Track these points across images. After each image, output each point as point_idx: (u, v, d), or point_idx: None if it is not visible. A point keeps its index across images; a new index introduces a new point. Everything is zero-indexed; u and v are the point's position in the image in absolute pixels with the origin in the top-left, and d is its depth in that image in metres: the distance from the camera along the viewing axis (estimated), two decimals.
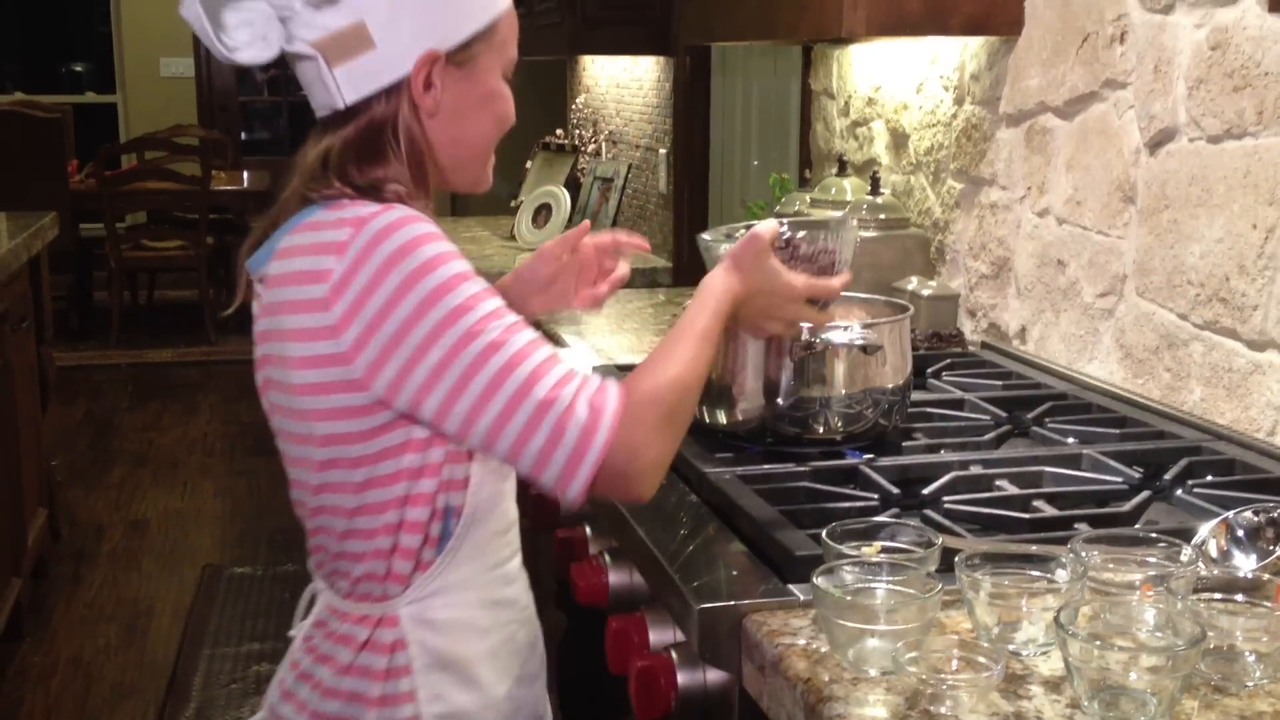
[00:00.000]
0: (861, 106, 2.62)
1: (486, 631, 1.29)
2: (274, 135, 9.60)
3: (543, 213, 4.22)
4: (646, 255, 4.03)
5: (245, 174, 7.59)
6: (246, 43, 1.22)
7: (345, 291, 1.15)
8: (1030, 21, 2.03)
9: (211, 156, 7.04)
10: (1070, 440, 1.63)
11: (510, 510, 1.32)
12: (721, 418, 1.59)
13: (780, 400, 1.54)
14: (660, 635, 1.36)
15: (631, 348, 2.41)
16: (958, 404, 1.80)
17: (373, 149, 1.22)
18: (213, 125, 8.58)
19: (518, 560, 1.35)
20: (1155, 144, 1.75)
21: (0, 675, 3.29)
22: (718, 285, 1.31)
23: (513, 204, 4.44)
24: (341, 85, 1.22)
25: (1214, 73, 1.62)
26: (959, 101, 2.26)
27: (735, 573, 1.27)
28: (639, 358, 2.26)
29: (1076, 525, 1.32)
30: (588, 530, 1.64)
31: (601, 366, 1.99)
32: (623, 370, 1.96)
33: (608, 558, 1.55)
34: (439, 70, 1.23)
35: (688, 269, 3.75)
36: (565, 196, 4.17)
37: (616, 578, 1.52)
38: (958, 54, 2.25)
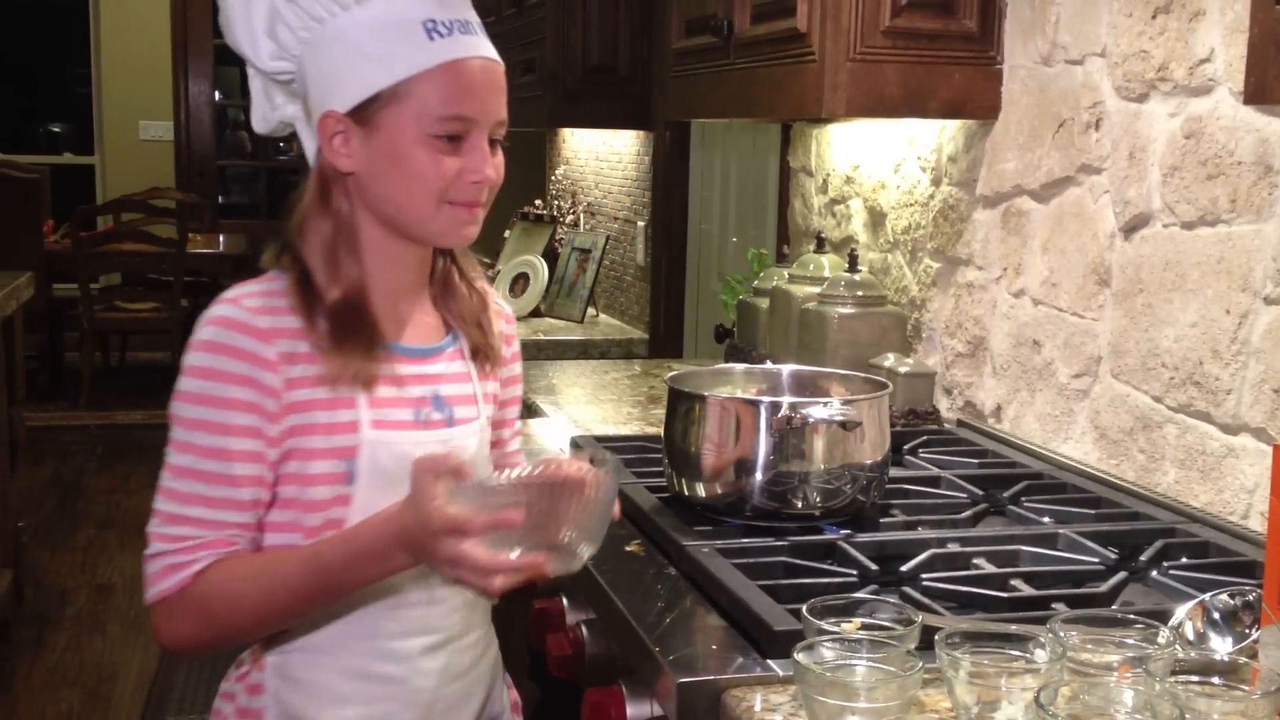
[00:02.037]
0: (840, 184, 2.66)
1: (346, 700, 1.32)
2: (252, 199, 9.62)
3: (520, 281, 4.24)
4: (623, 327, 4.06)
5: (221, 237, 7.60)
6: (275, 115, 1.40)
7: None
8: (1007, 106, 2.07)
9: (188, 219, 7.05)
10: (1046, 520, 1.65)
11: (411, 591, 1.31)
12: (700, 491, 1.59)
13: (759, 475, 1.54)
14: (637, 709, 1.36)
15: (607, 418, 2.42)
16: (934, 481, 1.81)
17: (320, 199, 1.33)
18: (190, 189, 8.60)
19: (417, 643, 1.33)
20: (1130, 229, 1.78)
21: None
22: (373, 528, 1.22)
23: (489, 273, 4.46)
24: (309, 151, 1.36)
25: (1188, 160, 1.66)
26: (936, 182, 2.29)
27: (714, 646, 1.26)
28: (614, 428, 2.27)
29: (1054, 605, 1.33)
30: (565, 601, 1.64)
31: (580, 437, 1.99)
32: (600, 441, 1.96)
33: (584, 629, 1.54)
34: (347, 130, 1.30)
35: (664, 341, 3.77)
36: (543, 266, 4.20)
37: (593, 649, 1.52)
38: (935, 136, 2.29)
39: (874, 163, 2.52)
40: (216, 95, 9.24)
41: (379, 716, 1.33)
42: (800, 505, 1.56)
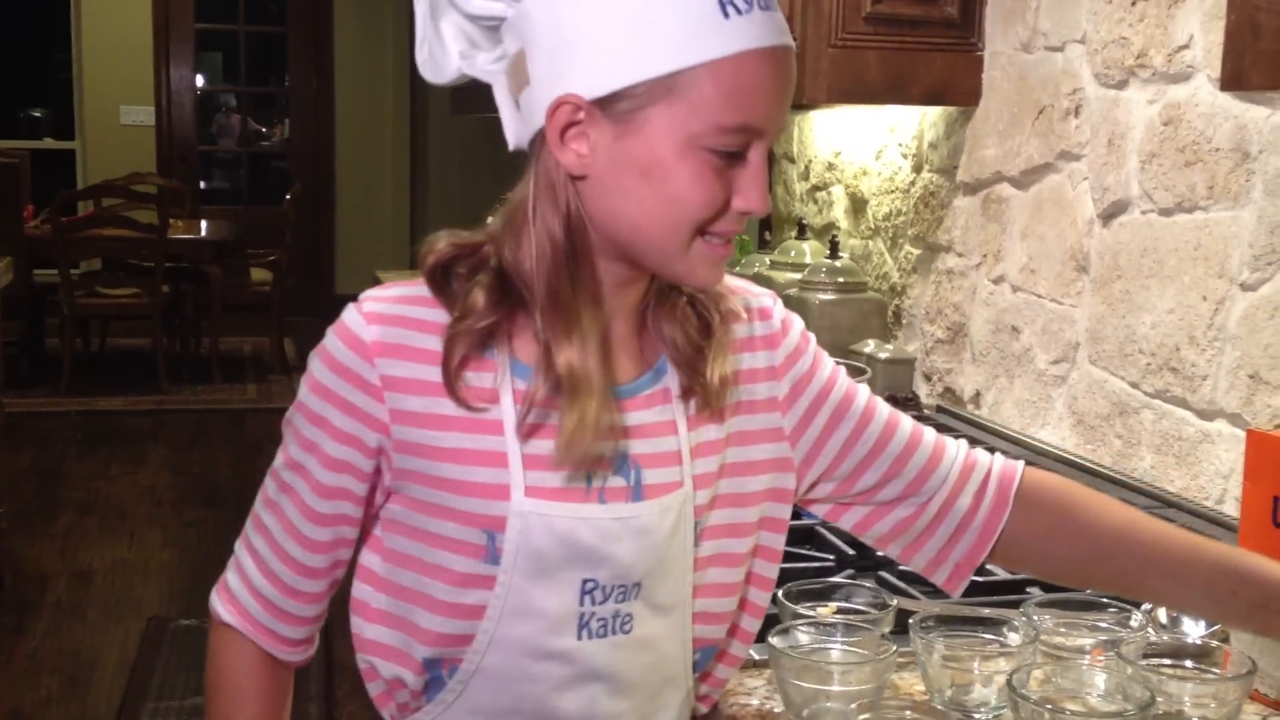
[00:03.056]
0: (821, 171, 2.66)
1: None
2: (233, 185, 9.58)
3: None
4: None
5: (203, 223, 7.56)
6: (457, 56, 1.04)
7: None
8: (988, 93, 2.07)
9: (169, 205, 7.02)
10: None
11: (562, 701, 1.04)
12: None
13: None
14: None
15: None
16: None
17: (519, 209, 1.00)
18: (172, 174, 8.56)
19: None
20: (1108, 215, 1.79)
21: None
22: None
23: None
24: (509, 124, 1.03)
25: (1166, 147, 1.66)
26: (917, 169, 2.30)
27: None
28: None
29: (1028, 589, 1.33)
30: None
31: None
32: None
33: None
34: (587, 121, 0.96)
35: None
36: None
37: None
38: (916, 123, 2.29)
39: (855, 149, 2.52)
40: (199, 80, 9.20)
41: None
42: None
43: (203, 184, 9.15)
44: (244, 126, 9.56)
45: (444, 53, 1.03)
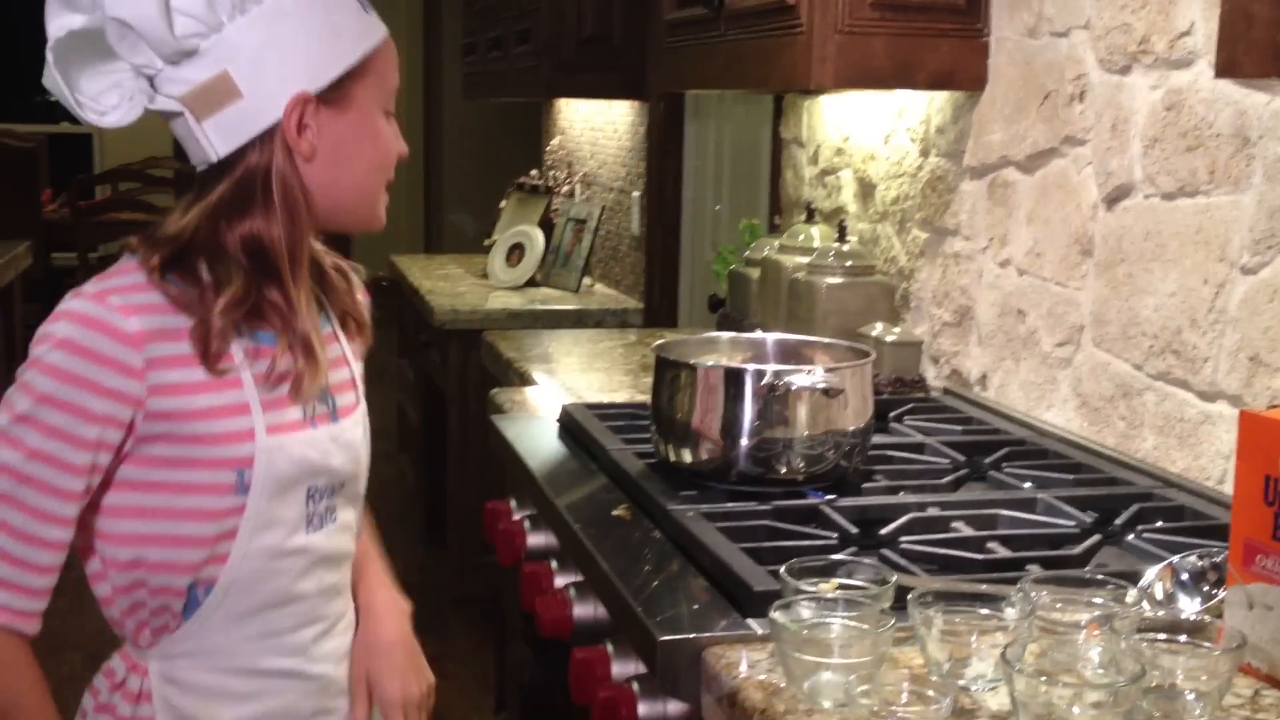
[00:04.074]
0: (830, 155, 2.68)
1: (244, 697, 1.30)
2: None
3: (515, 252, 4.27)
4: (619, 296, 4.08)
5: None
6: (115, 105, 1.24)
7: None
8: (994, 78, 2.09)
9: (185, 189, 7.04)
10: (1026, 485, 1.68)
11: (300, 585, 1.30)
12: (686, 456, 1.63)
13: (743, 441, 1.57)
14: (623, 667, 1.39)
15: (599, 386, 2.45)
16: (918, 448, 1.84)
17: (244, 201, 1.23)
18: (187, 158, 8.58)
19: (309, 633, 1.33)
20: (1112, 200, 1.81)
21: None
22: None
23: (485, 243, 4.49)
24: (212, 138, 1.23)
25: (1168, 132, 1.68)
26: (924, 153, 2.32)
27: (696, 607, 1.30)
28: (605, 396, 2.29)
29: (1028, 566, 1.36)
30: (553, 565, 1.67)
31: (571, 405, 2.02)
32: (589, 408, 1.99)
33: (573, 591, 1.58)
34: (311, 112, 1.23)
35: (659, 311, 3.80)
36: (539, 236, 4.22)
37: (580, 611, 1.56)
38: (924, 107, 2.31)
39: (864, 134, 2.54)
40: None
41: (279, 709, 1.32)
42: (784, 470, 1.59)
43: None
44: None
45: (98, 100, 1.24)
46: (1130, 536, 1.48)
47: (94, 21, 1.20)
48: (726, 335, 1.89)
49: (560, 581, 1.64)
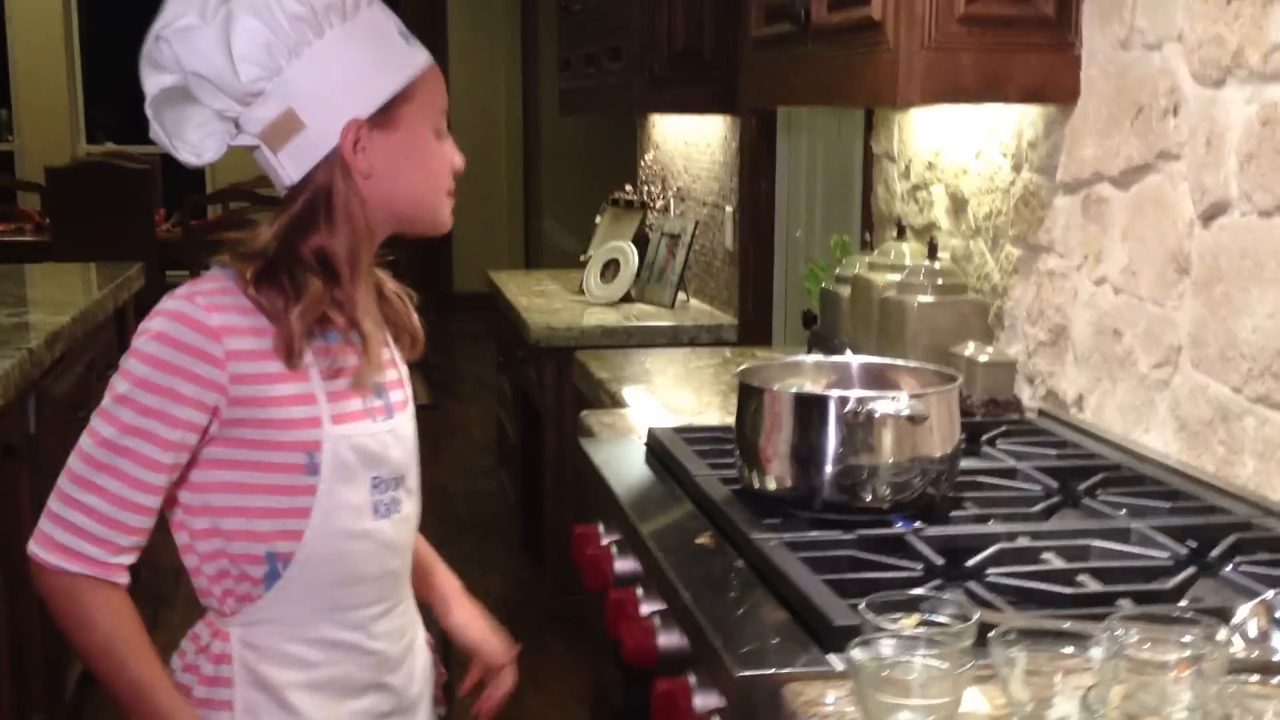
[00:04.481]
0: (922, 170, 2.65)
1: (310, 665, 1.47)
2: None
3: (610, 268, 4.28)
4: (714, 312, 4.08)
5: None
6: (206, 146, 1.45)
7: None
8: (1086, 91, 2.05)
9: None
10: (1121, 513, 1.64)
11: (366, 567, 1.48)
12: (770, 484, 1.62)
13: (827, 468, 1.56)
14: (705, 699, 1.39)
15: (688, 408, 2.44)
16: (1010, 473, 1.81)
17: (313, 217, 1.42)
18: None
19: (371, 611, 1.50)
20: (1208, 217, 1.76)
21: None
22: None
23: (581, 258, 4.51)
24: (286, 165, 1.42)
25: (1264, 148, 1.63)
26: (1017, 168, 2.28)
27: (776, 640, 1.29)
28: (693, 418, 2.29)
29: (1119, 601, 1.33)
30: (639, 592, 1.67)
31: (658, 429, 2.02)
32: (676, 432, 1.99)
33: (657, 620, 1.58)
34: (365, 135, 1.41)
35: (753, 327, 3.79)
36: (633, 252, 4.24)
37: (665, 639, 1.55)
38: (1016, 120, 2.27)
39: (955, 148, 2.50)
40: None
41: (339, 676, 1.49)
42: (869, 498, 1.58)
43: None
44: None
45: (196, 145, 1.44)
46: (1227, 569, 1.44)
47: (178, 78, 1.41)
48: (811, 359, 1.88)
49: (646, 609, 1.64)
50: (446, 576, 1.77)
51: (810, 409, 1.57)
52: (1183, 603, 1.35)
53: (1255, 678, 1.10)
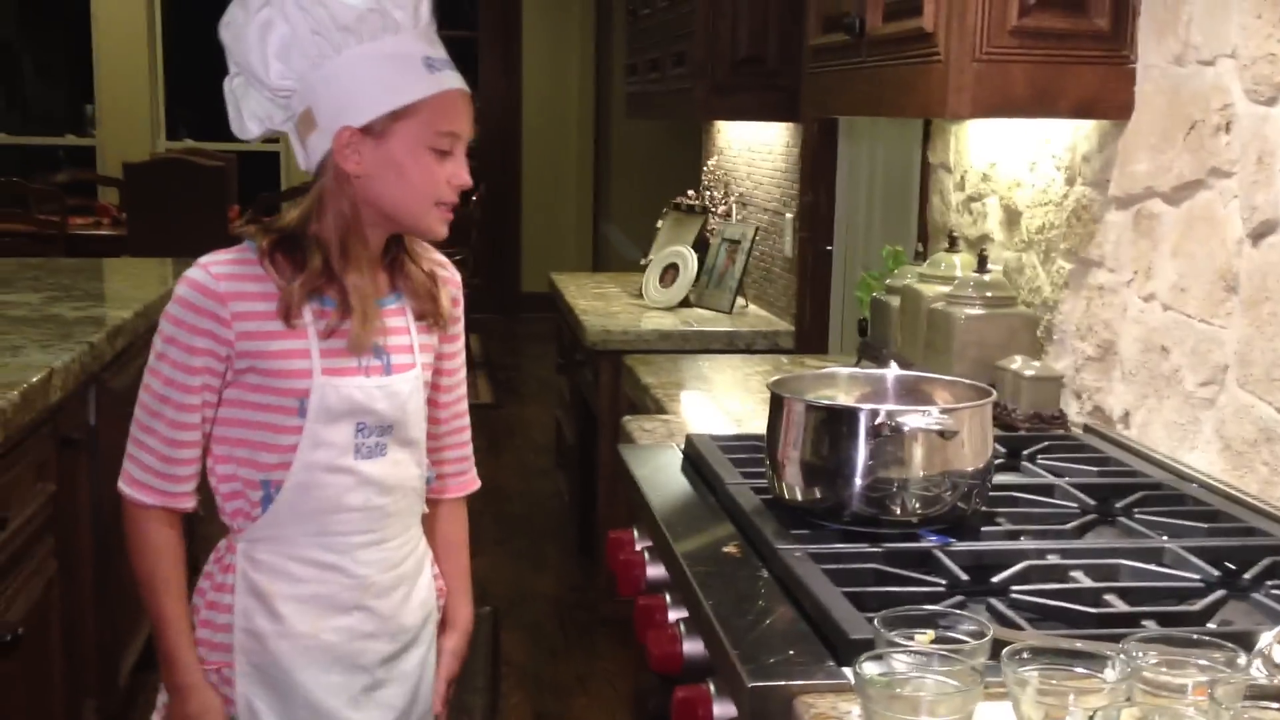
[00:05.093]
0: (976, 182, 2.63)
1: (298, 580, 1.68)
2: None
3: (670, 272, 4.29)
4: (771, 319, 4.07)
5: None
6: (253, 127, 1.69)
7: None
8: (1140, 106, 2.02)
9: None
10: (1157, 534, 1.61)
11: (349, 498, 1.68)
12: (799, 494, 1.62)
13: (857, 481, 1.56)
14: (724, 708, 1.39)
15: (737, 416, 2.44)
16: (1048, 489, 1.79)
17: (318, 205, 1.64)
18: None
19: (356, 539, 1.70)
20: (1258, 235, 1.73)
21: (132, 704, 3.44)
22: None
23: (642, 262, 4.52)
24: (308, 154, 1.65)
25: None
26: (1070, 182, 2.25)
27: (792, 652, 1.29)
28: (736, 426, 2.28)
29: (1144, 622, 1.31)
30: (667, 599, 1.68)
31: (695, 435, 2.02)
32: (715, 440, 1.99)
33: (683, 627, 1.58)
34: (357, 141, 1.60)
35: (809, 335, 3.77)
36: (692, 257, 4.24)
37: (690, 647, 1.56)
38: (1070, 134, 2.24)
39: (1010, 160, 2.48)
40: None
41: (324, 593, 1.69)
42: (899, 512, 1.57)
43: None
44: None
45: (246, 123, 1.68)
46: (1258, 593, 1.42)
47: (235, 67, 1.68)
48: (846, 371, 1.87)
49: (674, 616, 1.65)
50: (459, 595, 1.92)
51: (840, 421, 1.57)
52: (1211, 625, 1.33)
53: (1275, 705, 1.08)
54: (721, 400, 2.66)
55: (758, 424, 2.33)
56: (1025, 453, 1.96)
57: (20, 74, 9.90)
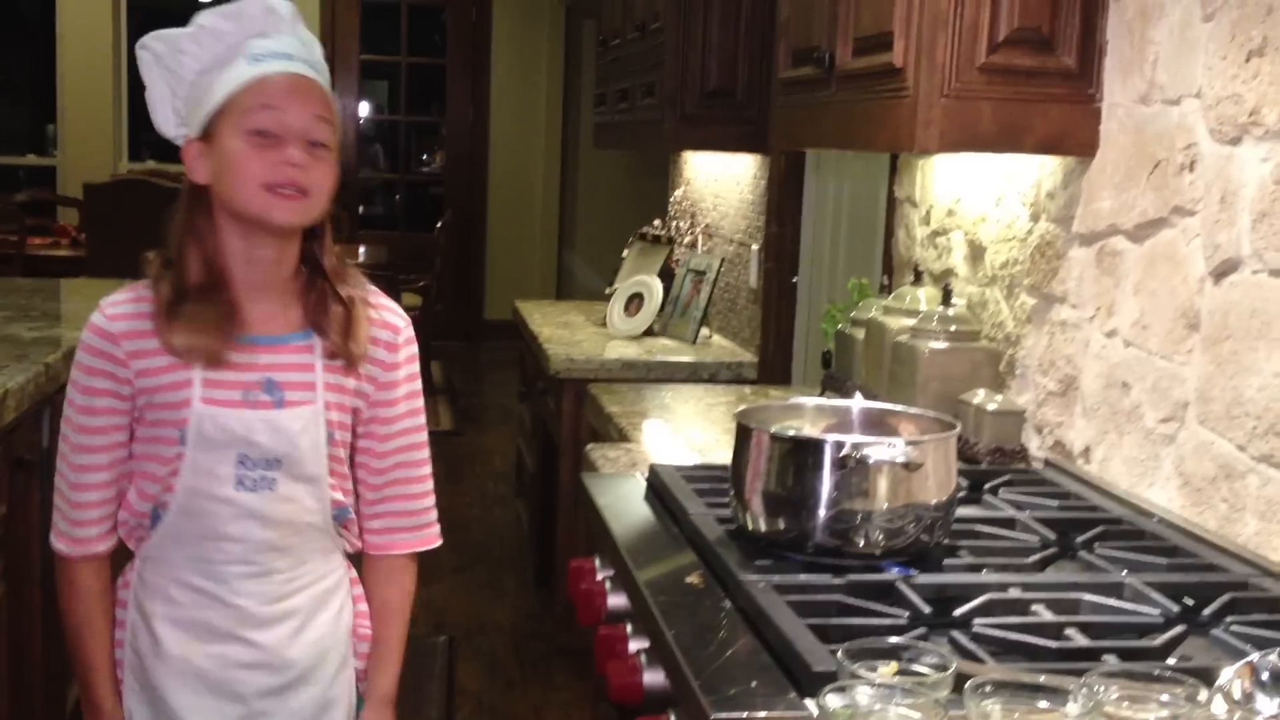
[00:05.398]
0: (942, 216, 2.64)
1: (175, 603, 1.71)
2: (389, 211, 9.88)
3: (635, 301, 4.29)
4: (735, 349, 4.07)
5: (361, 248, 7.81)
6: (174, 129, 1.71)
7: None
8: (1105, 144, 2.04)
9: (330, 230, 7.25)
10: (1117, 568, 1.62)
11: (229, 529, 1.69)
12: (763, 525, 1.61)
13: (820, 512, 1.55)
14: None
15: (701, 445, 2.44)
16: (1009, 523, 1.80)
17: (182, 225, 1.68)
18: (332, 200, 8.85)
19: (240, 570, 1.70)
20: (1219, 273, 1.75)
21: None
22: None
23: (606, 291, 4.52)
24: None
25: (1277, 207, 1.62)
26: (1035, 218, 2.27)
27: (754, 684, 1.28)
28: (699, 456, 2.28)
29: (1105, 656, 1.31)
30: (628, 628, 1.67)
31: (659, 465, 2.02)
32: (678, 470, 1.98)
33: (644, 658, 1.57)
34: (198, 151, 1.65)
35: (773, 366, 3.78)
36: (658, 287, 4.24)
37: (651, 678, 1.55)
38: (1035, 170, 2.26)
39: (976, 196, 2.50)
40: (363, 109, 9.51)
41: (200, 619, 1.71)
42: (862, 544, 1.57)
43: (360, 209, 9.45)
44: (388, 156, 9.83)
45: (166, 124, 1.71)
46: (1219, 629, 1.42)
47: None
48: (812, 402, 1.87)
49: (635, 646, 1.63)
50: (381, 662, 1.86)
51: (805, 452, 1.56)
52: (1170, 661, 1.33)
53: None
54: (684, 430, 2.65)
55: (721, 454, 2.33)
56: (987, 486, 1.96)
57: None
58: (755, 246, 4.00)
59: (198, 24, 1.67)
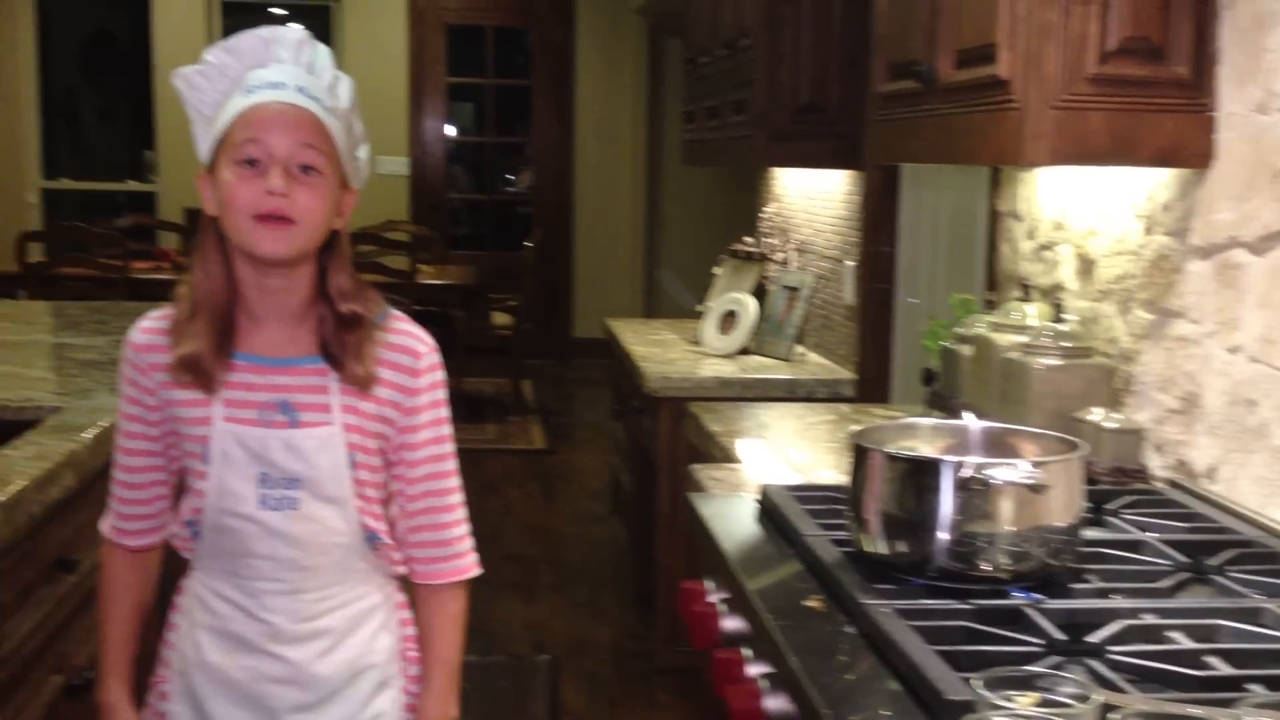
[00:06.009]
0: (1048, 230, 2.59)
1: (215, 614, 1.76)
2: (478, 231, 9.96)
3: (729, 319, 4.27)
4: (831, 366, 4.04)
5: (451, 268, 7.88)
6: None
7: None
8: (1222, 155, 1.99)
9: (419, 251, 7.33)
10: (1254, 592, 1.57)
11: (256, 546, 1.72)
12: (883, 548, 1.58)
13: (942, 535, 1.52)
14: None
15: (806, 464, 2.41)
16: (1136, 545, 1.75)
17: (197, 255, 1.72)
18: (422, 221, 8.96)
19: (269, 586, 1.74)
20: None
21: None
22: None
23: (698, 309, 4.51)
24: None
25: None
26: (1149, 230, 2.22)
27: (885, 712, 1.26)
28: (807, 476, 2.26)
29: (1249, 685, 1.27)
30: (746, 652, 1.65)
31: (770, 486, 2.00)
32: (789, 491, 1.96)
33: (765, 683, 1.55)
34: (207, 182, 1.69)
35: (872, 383, 3.74)
36: (754, 304, 4.22)
37: (772, 703, 1.53)
38: (1148, 182, 2.21)
39: (1084, 208, 2.45)
40: (449, 131, 9.61)
41: (235, 631, 1.75)
42: (986, 568, 1.53)
43: (451, 230, 9.53)
44: (474, 177, 9.92)
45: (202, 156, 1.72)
46: None
47: None
48: (929, 422, 1.84)
49: (753, 670, 1.62)
50: (429, 685, 1.85)
51: (927, 473, 1.54)
52: None
53: None
54: (784, 449, 2.63)
55: (822, 474, 2.31)
56: (1108, 507, 1.91)
57: (82, 120, 10.07)
58: (849, 262, 3.96)
59: (205, 59, 1.70)
